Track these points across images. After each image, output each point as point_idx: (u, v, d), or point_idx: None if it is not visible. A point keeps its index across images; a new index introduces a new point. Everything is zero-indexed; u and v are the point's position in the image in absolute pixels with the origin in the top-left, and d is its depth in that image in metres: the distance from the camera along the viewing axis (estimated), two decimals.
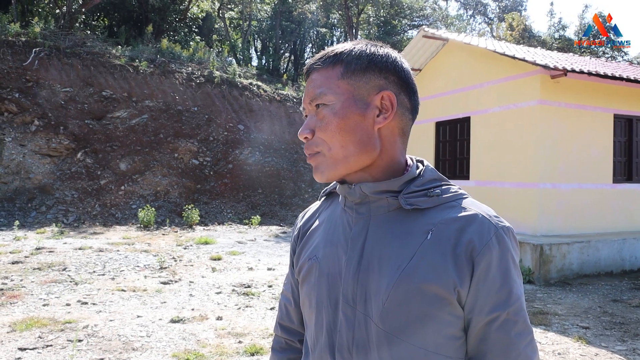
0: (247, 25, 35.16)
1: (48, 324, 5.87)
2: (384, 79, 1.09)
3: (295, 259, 1.28)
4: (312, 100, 1.10)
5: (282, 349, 1.37)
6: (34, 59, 17.88)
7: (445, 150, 12.78)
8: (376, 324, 1.04)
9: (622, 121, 11.09)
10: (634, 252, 9.92)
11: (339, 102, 1.07)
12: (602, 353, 5.44)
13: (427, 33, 12.50)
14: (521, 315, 1.03)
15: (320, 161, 1.10)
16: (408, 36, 37.52)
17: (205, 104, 20.90)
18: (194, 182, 18.46)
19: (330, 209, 1.24)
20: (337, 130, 1.07)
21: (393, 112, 1.08)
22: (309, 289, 1.17)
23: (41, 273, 8.56)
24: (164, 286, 8.01)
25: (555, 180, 10.06)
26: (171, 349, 5.26)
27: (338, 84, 1.08)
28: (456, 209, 1.06)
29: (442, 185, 1.11)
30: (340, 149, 1.07)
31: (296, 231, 1.31)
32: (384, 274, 1.04)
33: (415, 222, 1.07)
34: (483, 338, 1.03)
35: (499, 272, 1.02)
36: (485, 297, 1.01)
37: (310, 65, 1.13)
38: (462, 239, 1.02)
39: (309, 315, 1.18)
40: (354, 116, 1.07)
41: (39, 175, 15.83)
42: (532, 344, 1.05)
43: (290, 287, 1.34)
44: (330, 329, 1.11)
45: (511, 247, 1.04)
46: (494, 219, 1.05)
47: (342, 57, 1.09)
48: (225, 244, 12.55)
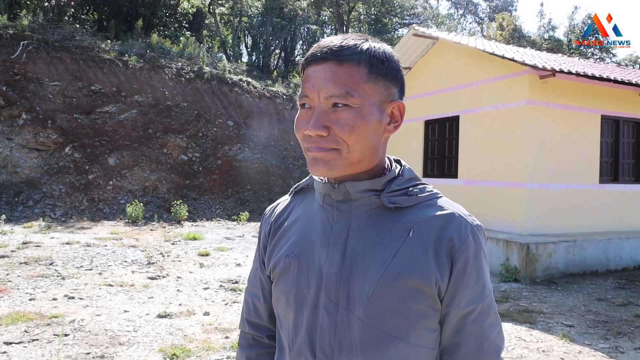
0: (238, 21, 35.07)
1: (34, 318, 5.84)
2: (397, 88, 1.11)
3: (267, 255, 1.25)
4: (332, 96, 1.04)
5: (250, 345, 1.34)
6: (21, 52, 17.70)
7: (434, 149, 12.83)
8: (360, 319, 1.06)
9: (609, 122, 11.18)
10: (619, 252, 10.02)
11: (365, 107, 1.05)
12: (585, 351, 5.50)
13: (418, 31, 12.53)
14: (492, 307, 1.12)
15: (334, 158, 1.06)
16: (398, 34, 37.55)
17: (195, 100, 20.83)
18: (183, 178, 18.40)
19: (304, 205, 1.23)
20: (361, 134, 1.05)
21: (402, 121, 1.12)
22: (286, 285, 1.16)
23: (28, 267, 8.50)
24: (151, 281, 7.99)
25: (543, 180, 10.13)
26: (158, 343, 5.25)
27: (364, 87, 1.04)
28: (434, 207, 1.11)
29: (418, 185, 1.15)
30: (358, 153, 1.06)
31: (267, 226, 1.28)
32: (369, 270, 1.06)
33: (396, 220, 1.10)
34: (459, 330, 1.09)
35: (475, 268, 1.08)
36: (462, 291, 1.07)
37: (327, 52, 1.05)
38: (443, 236, 1.07)
39: (286, 312, 1.17)
40: (374, 123, 1.06)
41: (26, 170, 15.71)
42: (501, 334, 1.13)
43: (258, 282, 1.31)
44: (311, 326, 1.11)
45: (483, 244, 1.12)
46: (469, 218, 1.12)
47: (367, 57, 1.06)
48: (214, 240, 12.54)
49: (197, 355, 4.98)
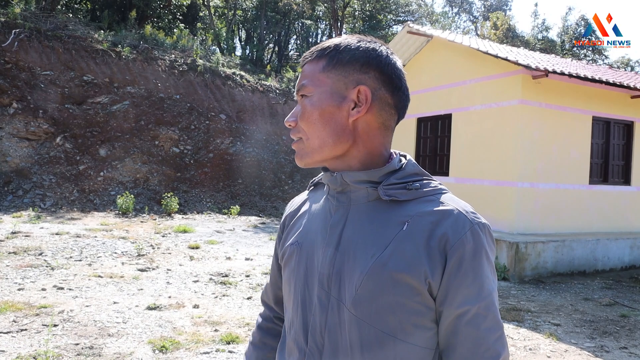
0: (232, 15, 34.93)
1: (23, 308, 5.82)
2: (364, 74, 1.12)
3: (280, 245, 1.33)
4: (298, 90, 1.17)
5: (263, 318, 1.47)
6: (13, 40, 17.55)
7: (426, 146, 12.87)
8: (348, 310, 1.07)
9: (600, 123, 11.26)
10: (606, 253, 10.11)
11: (317, 94, 1.13)
12: (571, 349, 5.56)
13: (412, 29, 12.55)
14: (491, 310, 1.05)
15: (300, 147, 1.17)
16: (393, 31, 37.56)
17: (188, 92, 20.75)
18: (174, 171, 18.35)
19: (315, 197, 1.28)
20: (313, 120, 1.13)
21: (367, 105, 1.11)
22: (289, 273, 1.22)
23: (16, 257, 8.47)
24: (141, 273, 7.98)
25: (534, 179, 10.19)
26: (147, 335, 5.25)
27: (319, 77, 1.14)
28: (434, 202, 1.10)
29: (422, 180, 1.14)
30: (316, 139, 1.14)
31: (283, 218, 1.37)
32: (359, 261, 1.07)
33: (392, 213, 1.10)
34: (453, 331, 1.05)
35: (471, 267, 1.04)
36: (455, 290, 1.03)
37: (303, 58, 1.19)
38: (437, 232, 1.05)
39: (288, 298, 1.23)
40: (329, 108, 1.12)
41: (16, 159, 15.61)
42: (502, 340, 1.06)
43: (272, 267, 1.42)
44: (305, 312, 1.15)
45: (486, 244, 1.07)
46: (470, 215, 1.08)
47: (327, 52, 1.15)
48: (204, 233, 12.52)
49: (187, 347, 4.98)
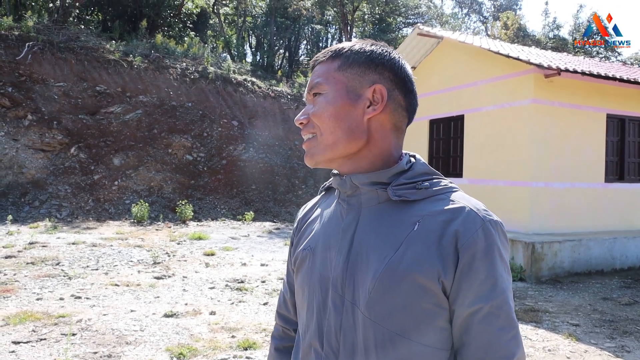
0: (242, 21, 35.10)
1: (42, 318, 5.88)
2: (379, 74, 1.14)
3: (292, 250, 1.33)
4: (311, 89, 1.17)
5: (280, 337, 1.42)
6: (27, 53, 17.78)
7: (439, 148, 12.83)
8: (362, 313, 1.06)
9: (615, 121, 11.16)
10: (624, 251, 10.00)
11: (332, 91, 1.14)
12: (591, 350, 5.50)
13: (422, 31, 12.52)
14: (504, 309, 1.03)
15: (312, 145, 1.16)
16: (403, 34, 37.52)
17: (200, 100, 20.87)
18: (188, 178, 18.44)
19: (327, 202, 1.28)
20: (328, 116, 1.13)
21: (382, 104, 1.13)
22: (302, 278, 1.21)
23: (34, 267, 8.55)
24: (157, 281, 8.02)
25: (548, 179, 10.11)
26: (165, 343, 5.28)
27: (334, 75, 1.15)
28: (444, 201, 1.09)
29: (432, 179, 1.13)
30: (330, 135, 1.13)
31: (296, 224, 1.36)
32: (371, 263, 1.07)
33: (403, 213, 1.09)
34: (466, 330, 1.04)
35: (484, 265, 1.02)
36: (468, 289, 1.02)
37: (315, 59, 1.21)
38: (448, 230, 1.03)
39: (301, 304, 1.22)
40: (345, 105, 1.13)
41: (32, 170, 15.77)
42: (517, 339, 1.04)
43: (288, 276, 1.39)
44: (320, 316, 1.14)
45: (498, 241, 1.06)
46: (482, 212, 1.07)
47: (342, 52, 1.16)
48: (219, 240, 12.56)
49: (204, 354, 5.00)
